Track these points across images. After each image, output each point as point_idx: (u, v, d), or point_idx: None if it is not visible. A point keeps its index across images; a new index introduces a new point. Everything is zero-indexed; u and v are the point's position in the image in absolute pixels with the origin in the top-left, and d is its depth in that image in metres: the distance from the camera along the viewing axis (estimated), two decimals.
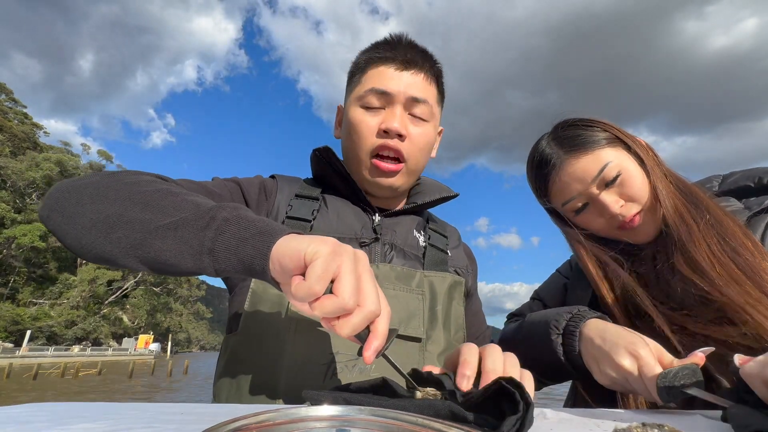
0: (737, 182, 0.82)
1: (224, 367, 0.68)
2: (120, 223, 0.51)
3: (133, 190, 0.54)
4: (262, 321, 0.68)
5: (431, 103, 0.82)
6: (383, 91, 0.78)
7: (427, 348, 0.72)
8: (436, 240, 0.86)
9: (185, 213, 0.50)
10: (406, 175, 0.83)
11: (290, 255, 0.43)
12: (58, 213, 0.55)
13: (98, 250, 0.52)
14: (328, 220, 0.79)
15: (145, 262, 0.50)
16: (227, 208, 0.50)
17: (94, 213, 0.53)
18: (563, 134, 0.84)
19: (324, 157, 0.83)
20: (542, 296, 1.04)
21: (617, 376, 0.56)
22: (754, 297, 0.64)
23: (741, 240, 0.69)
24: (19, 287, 47.89)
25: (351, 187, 0.82)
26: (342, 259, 0.43)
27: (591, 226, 0.84)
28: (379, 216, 0.83)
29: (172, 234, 0.49)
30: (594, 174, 0.78)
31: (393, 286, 0.73)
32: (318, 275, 0.41)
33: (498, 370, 0.48)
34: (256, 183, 0.82)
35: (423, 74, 0.81)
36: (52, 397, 14.34)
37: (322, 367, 0.64)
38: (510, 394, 0.36)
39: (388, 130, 0.77)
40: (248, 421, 0.28)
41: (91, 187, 0.56)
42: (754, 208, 0.76)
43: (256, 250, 0.46)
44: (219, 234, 0.47)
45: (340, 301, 0.40)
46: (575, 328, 0.64)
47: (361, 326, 0.42)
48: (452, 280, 0.81)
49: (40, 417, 0.39)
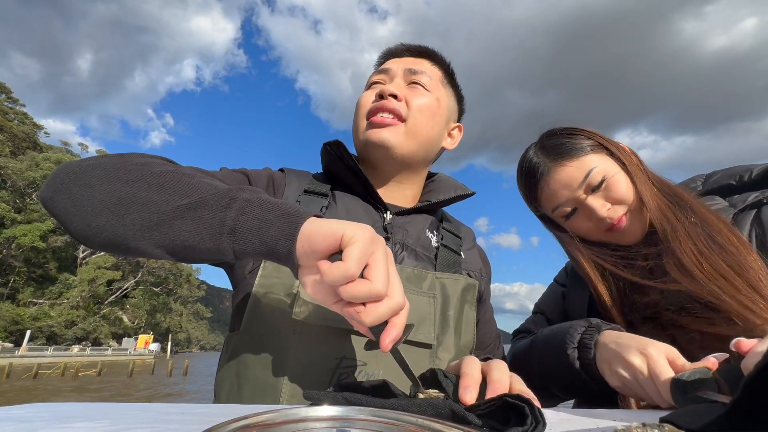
0: (719, 181, 0.85)
1: (225, 366, 0.66)
2: (134, 204, 0.48)
3: (145, 171, 0.52)
4: (265, 321, 0.65)
5: (431, 76, 0.83)
6: (383, 69, 0.85)
7: (438, 355, 0.68)
8: (449, 240, 0.83)
9: (204, 194, 0.48)
10: (405, 136, 0.78)
11: (325, 234, 0.43)
12: (63, 194, 0.51)
13: (109, 234, 0.49)
14: (337, 217, 0.76)
15: (160, 245, 0.48)
16: (248, 190, 0.49)
17: (104, 194, 0.49)
18: (548, 143, 0.87)
19: (335, 151, 0.79)
20: (543, 309, 1.05)
21: (628, 374, 0.57)
22: (742, 292, 0.65)
23: (727, 236, 0.71)
24: (19, 287, 47.86)
25: (362, 183, 0.79)
26: (377, 247, 0.43)
27: (580, 231, 0.87)
28: (391, 214, 0.80)
29: (191, 214, 0.47)
30: (580, 180, 0.81)
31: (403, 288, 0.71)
32: (357, 258, 0.41)
33: (504, 381, 0.47)
34: (264, 175, 0.79)
35: (423, 59, 0.87)
36: (52, 397, 14.33)
37: (327, 371, 0.61)
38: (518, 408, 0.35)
39: (382, 92, 0.79)
40: (248, 421, 0.28)
41: (99, 168, 0.52)
42: (739, 205, 0.78)
43: (281, 231, 0.45)
44: (241, 214, 0.46)
45: (373, 287, 0.40)
46: (590, 339, 0.65)
47: (387, 316, 0.42)
48: (465, 283, 0.77)
49: (40, 417, 0.38)
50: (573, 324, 0.69)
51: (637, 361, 0.56)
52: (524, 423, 0.33)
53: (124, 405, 0.46)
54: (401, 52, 0.89)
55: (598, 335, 0.65)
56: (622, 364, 0.58)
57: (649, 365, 0.54)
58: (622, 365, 0.58)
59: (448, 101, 0.87)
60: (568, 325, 0.70)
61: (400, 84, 0.82)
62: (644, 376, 0.54)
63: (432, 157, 0.88)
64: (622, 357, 0.58)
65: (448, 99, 0.87)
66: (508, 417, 0.36)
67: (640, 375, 0.55)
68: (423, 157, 0.84)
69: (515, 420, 0.35)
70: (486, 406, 0.37)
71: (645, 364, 0.55)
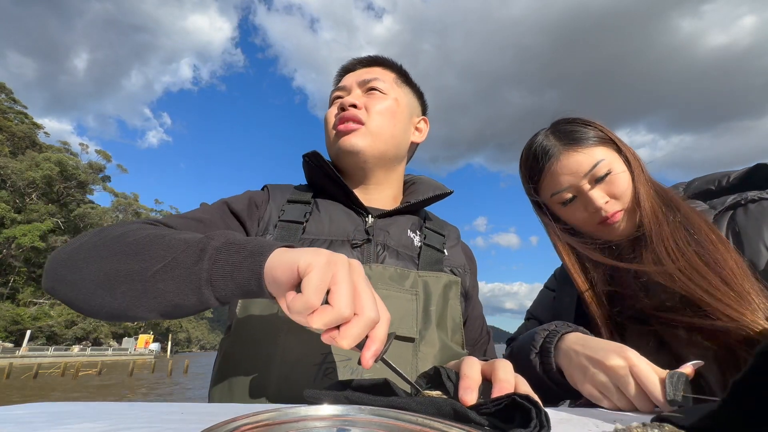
0: (700, 187, 0.89)
1: (218, 370, 0.69)
2: (119, 278, 0.51)
3: (122, 242, 0.55)
4: (253, 323, 0.68)
5: (384, 80, 0.90)
6: (340, 86, 0.92)
7: (421, 348, 0.71)
8: (432, 239, 0.86)
9: (176, 252, 0.50)
10: (369, 137, 0.83)
11: (282, 268, 0.44)
12: (60, 283, 0.56)
13: (108, 308, 0.53)
14: (320, 223, 0.79)
15: (153, 309, 0.51)
16: (216, 237, 0.51)
17: (92, 274, 0.53)
18: (562, 129, 0.89)
19: (313, 161, 0.84)
20: (535, 314, 1.06)
21: (607, 379, 0.54)
22: (714, 286, 0.68)
23: (706, 234, 0.74)
24: (19, 287, 47.86)
25: (342, 189, 0.82)
26: (336, 268, 0.43)
27: (574, 220, 0.89)
28: (373, 218, 0.83)
29: (169, 275, 0.49)
30: (587, 169, 0.83)
31: (386, 286, 0.72)
32: (314, 287, 0.41)
33: (510, 380, 0.47)
34: (244, 198, 0.82)
35: (374, 66, 0.94)
36: (52, 397, 14.34)
37: (314, 367, 0.63)
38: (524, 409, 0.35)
39: (342, 105, 0.85)
40: (248, 421, 0.28)
41: (83, 250, 0.56)
42: (718, 207, 0.81)
43: (250, 272, 0.46)
44: (213, 263, 0.48)
45: (337, 311, 0.40)
46: (550, 344, 0.64)
47: (362, 335, 0.42)
48: (447, 280, 0.80)
49: (40, 417, 0.39)
50: (538, 329, 0.69)
51: (617, 365, 0.53)
52: (528, 425, 0.33)
53: (124, 405, 0.46)
54: (354, 66, 0.96)
55: (558, 339, 0.64)
56: (600, 368, 0.55)
57: (632, 368, 0.52)
58: (601, 369, 0.55)
59: (407, 99, 0.93)
60: (534, 331, 0.70)
61: (357, 94, 0.88)
62: (628, 381, 0.52)
63: (403, 153, 0.92)
64: (600, 362, 0.55)
65: (406, 97, 0.93)
66: (513, 416, 0.36)
67: (622, 380, 0.52)
68: (394, 155, 0.89)
69: (520, 420, 0.35)
70: (494, 404, 0.37)
71: (627, 368, 0.53)
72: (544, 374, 0.64)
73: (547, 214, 0.93)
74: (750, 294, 0.65)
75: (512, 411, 0.36)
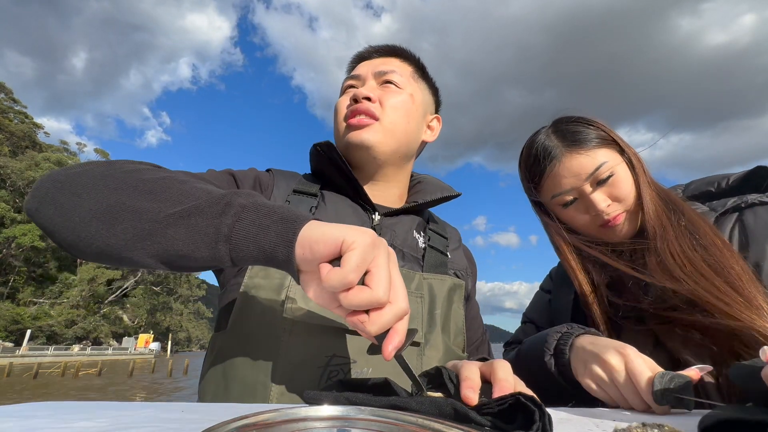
0: (698, 188, 0.88)
1: (211, 367, 0.65)
2: (124, 213, 0.47)
3: (135, 178, 0.50)
4: (254, 319, 0.64)
5: (401, 73, 0.85)
6: (354, 74, 0.87)
7: (426, 353, 0.70)
8: (435, 241, 0.85)
9: (197, 200, 0.47)
10: (382, 134, 0.80)
11: (325, 240, 0.42)
12: (49, 205, 0.49)
13: (99, 244, 0.47)
14: (326, 218, 0.76)
15: (153, 255, 0.47)
16: (243, 195, 0.47)
17: (93, 203, 0.48)
18: (565, 128, 0.87)
19: (325, 152, 0.80)
20: (531, 317, 1.05)
21: (603, 374, 0.56)
22: (721, 290, 0.67)
23: (711, 238, 0.73)
24: (19, 287, 47.84)
25: (351, 183, 0.79)
26: (378, 252, 0.42)
27: (574, 222, 0.88)
28: (379, 215, 0.81)
29: (184, 222, 0.45)
30: (589, 171, 0.82)
31: None
32: (356, 264, 0.39)
33: (509, 380, 0.47)
34: (250, 176, 0.79)
35: (392, 57, 0.89)
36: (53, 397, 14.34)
37: (318, 370, 0.61)
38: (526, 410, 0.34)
39: (356, 96, 0.80)
40: (249, 421, 0.28)
41: (86, 176, 0.51)
42: (719, 209, 0.81)
43: (279, 237, 0.44)
44: (237, 220, 0.45)
45: (375, 294, 0.39)
46: (565, 344, 0.65)
47: (392, 323, 0.41)
48: (452, 283, 0.79)
49: (41, 416, 0.38)
50: (550, 331, 0.69)
51: (614, 360, 0.55)
52: (530, 427, 0.33)
53: (124, 404, 0.46)
54: (370, 54, 0.91)
55: (573, 339, 0.65)
56: (598, 362, 0.57)
57: (627, 364, 0.53)
58: (599, 364, 0.57)
59: (422, 95, 0.89)
60: (546, 333, 0.70)
61: (372, 86, 0.84)
62: (621, 376, 0.53)
63: (413, 151, 0.89)
64: (598, 356, 0.57)
65: (422, 93, 0.89)
66: (514, 417, 0.36)
67: (616, 374, 0.54)
68: (405, 153, 0.86)
69: (521, 422, 0.35)
70: (497, 404, 0.37)
71: (622, 364, 0.54)
72: (559, 375, 0.65)
73: (548, 214, 0.92)
74: (757, 298, 0.65)
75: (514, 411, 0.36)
